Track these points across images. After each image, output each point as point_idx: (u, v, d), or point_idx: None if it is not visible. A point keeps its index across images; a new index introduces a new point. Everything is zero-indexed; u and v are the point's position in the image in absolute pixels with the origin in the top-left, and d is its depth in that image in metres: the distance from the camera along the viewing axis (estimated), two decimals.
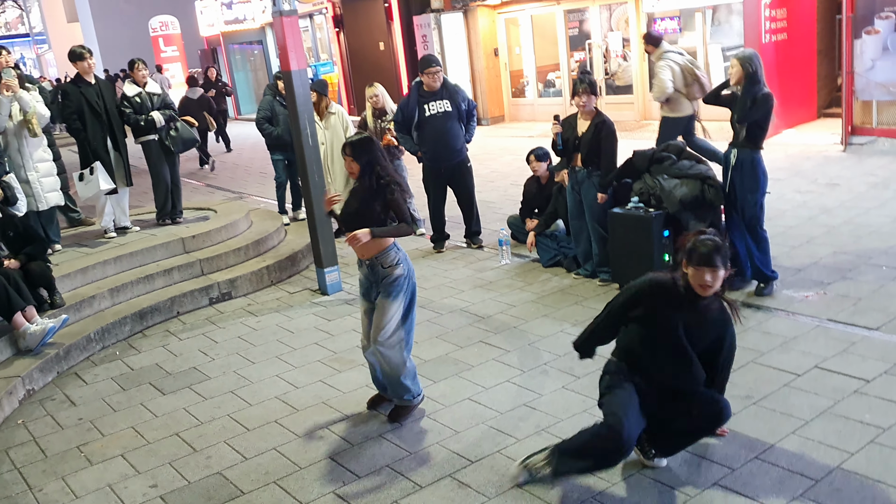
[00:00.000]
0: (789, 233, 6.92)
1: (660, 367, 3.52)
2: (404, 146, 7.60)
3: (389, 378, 4.31)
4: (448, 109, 7.23)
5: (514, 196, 8.73)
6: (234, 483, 3.97)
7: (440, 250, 7.71)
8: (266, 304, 6.70)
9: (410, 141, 7.42)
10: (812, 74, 11.74)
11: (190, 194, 11.05)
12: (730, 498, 3.41)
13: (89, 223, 8.42)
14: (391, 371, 4.27)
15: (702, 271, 3.32)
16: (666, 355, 3.50)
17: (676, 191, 5.76)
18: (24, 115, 6.69)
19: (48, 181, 7.01)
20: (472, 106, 7.43)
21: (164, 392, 5.16)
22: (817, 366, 4.51)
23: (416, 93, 7.29)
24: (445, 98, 7.24)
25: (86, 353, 5.87)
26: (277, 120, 8.66)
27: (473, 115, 7.46)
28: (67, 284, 6.43)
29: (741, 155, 5.48)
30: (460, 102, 7.30)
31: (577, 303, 5.94)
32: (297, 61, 6.34)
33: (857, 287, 5.58)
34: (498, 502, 3.56)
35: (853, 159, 9.33)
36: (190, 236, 7.47)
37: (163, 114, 7.87)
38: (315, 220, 6.66)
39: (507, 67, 16.22)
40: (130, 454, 4.38)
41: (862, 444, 3.70)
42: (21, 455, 4.50)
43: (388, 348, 4.22)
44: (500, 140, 14.10)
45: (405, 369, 4.30)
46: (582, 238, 6.44)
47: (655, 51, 8.53)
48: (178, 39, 23.39)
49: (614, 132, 6.07)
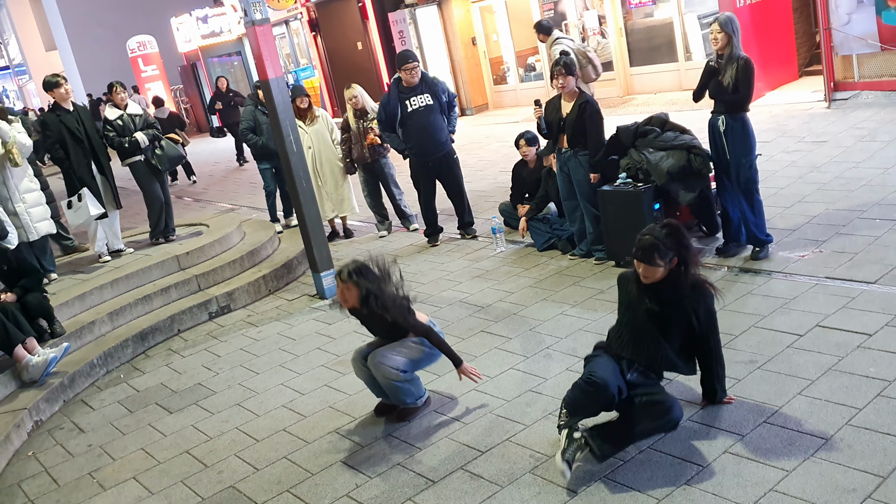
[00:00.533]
0: (781, 193, 6.91)
1: (624, 343, 3.74)
2: (390, 144, 7.59)
3: (387, 387, 4.29)
4: (430, 103, 7.22)
5: (503, 183, 8.73)
6: (248, 495, 3.97)
7: (435, 244, 7.70)
8: (266, 314, 6.69)
9: (397, 139, 7.40)
10: (790, 34, 11.71)
11: (181, 211, 11.03)
12: (742, 464, 3.41)
13: (83, 249, 8.40)
14: (385, 380, 4.24)
15: (637, 265, 3.60)
16: (631, 333, 3.73)
17: (663, 163, 5.76)
18: (4, 146, 6.66)
19: (37, 211, 6.96)
20: (451, 97, 7.43)
21: (171, 411, 5.16)
22: (819, 324, 4.51)
23: (395, 89, 7.27)
24: (426, 92, 7.23)
25: (90, 378, 5.87)
26: (261, 129, 8.63)
27: (454, 106, 7.46)
28: (66, 312, 6.42)
29: (729, 121, 5.46)
30: (440, 94, 7.29)
31: (575, 283, 5.94)
32: (273, 69, 6.31)
33: (852, 242, 5.58)
34: (511, 490, 3.56)
35: (838, 114, 9.32)
36: (184, 253, 7.46)
37: (146, 134, 7.85)
38: (307, 226, 6.65)
39: (487, 55, 16.18)
40: (143, 476, 4.38)
41: (869, 398, 3.70)
42: (34, 487, 4.50)
43: (381, 364, 4.23)
44: (485, 128, 14.08)
45: (400, 375, 4.24)
46: (576, 218, 6.43)
47: (547, 39, 8.54)
48: (157, 58, 23.32)
49: (598, 111, 6.06)
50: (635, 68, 13.60)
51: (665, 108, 11.03)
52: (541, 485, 3.55)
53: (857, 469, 3.22)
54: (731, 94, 5.37)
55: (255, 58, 6.41)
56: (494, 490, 3.59)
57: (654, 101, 12.53)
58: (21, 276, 5.88)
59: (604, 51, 13.92)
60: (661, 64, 13.20)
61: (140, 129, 7.84)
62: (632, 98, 13.42)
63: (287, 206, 9.17)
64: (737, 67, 5.32)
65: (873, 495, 3.05)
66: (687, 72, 12.66)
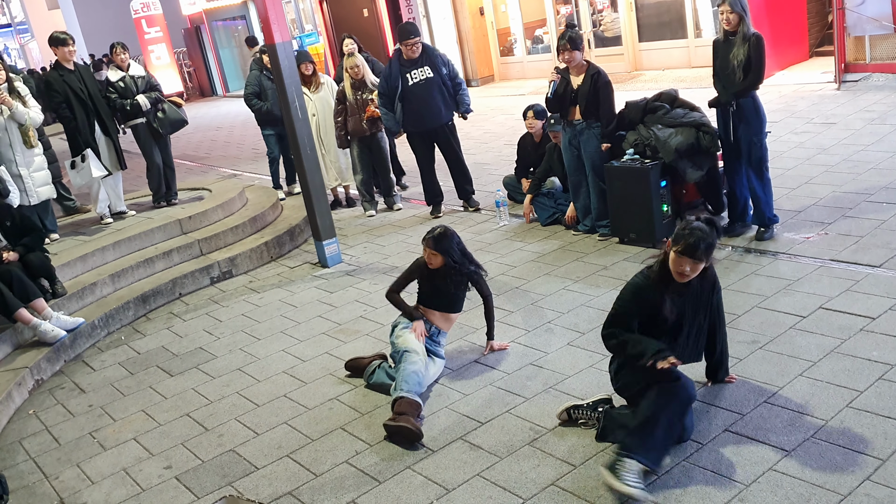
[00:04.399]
0: (788, 174, 6.88)
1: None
2: (386, 123, 7.46)
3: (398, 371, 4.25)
4: (430, 76, 7.14)
5: (508, 156, 8.68)
6: (248, 459, 3.99)
7: (437, 215, 7.67)
8: (267, 280, 6.69)
9: (393, 118, 7.30)
10: (802, 13, 11.59)
11: (184, 175, 10.97)
12: (742, 443, 3.42)
13: (85, 211, 8.37)
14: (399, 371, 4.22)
15: (683, 260, 3.34)
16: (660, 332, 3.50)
17: (672, 140, 5.71)
18: (20, 129, 6.66)
19: (40, 175, 6.90)
20: (454, 72, 7.31)
21: (172, 374, 5.17)
22: (822, 306, 4.51)
23: (396, 62, 7.19)
24: (426, 65, 7.15)
25: (91, 340, 5.88)
26: (266, 95, 8.55)
27: (460, 85, 7.33)
28: (68, 273, 6.41)
29: (740, 100, 5.41)
30: (440, 67, 7.20)
31: (578, 259, 5.92)
32: (280, 33, 6.24)
33: (858, 225, 5.56)
34: (510, 462, 3.58)
35: (848, 96, 9.25)
36: (186, 217, 7.44)
37: (148, 97, 7.78)
38: (311, 194, 6.61)
39: (494, 26, 16.02)
40: (143, 437, 4.40)
41: (871, 381, 3.70)
42: (35, 444, 4.53)
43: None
44: (490, 100, 13.97)
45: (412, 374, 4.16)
46: (581, 193, 6.40)
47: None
48: (161, 20, 23.08)
49: (609, 82, 6.02)
50: (644, 44, 13.47)
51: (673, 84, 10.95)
52: (540, 457, 3.56)
53: (857, 451, 3.23)
54: (742, 79, 5.31)
55: (262, 21, 6.34)
56: (493, 461, 3.61)
57: (663, 78, 12.44)
58: (23, 234, 5.86)
59: (613, 24, 13.79)
60: (670, 40, 13.09)
61: (142, 92, 7.78)
62: (640, 74, 13.31)
63: (290, 173, 9.12)
64: (749, 45, 5.26)
65: (872, 477, 3.06)
66: (696, 49, 12.56)
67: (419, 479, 3.58)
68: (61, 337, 5.50)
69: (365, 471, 3.71)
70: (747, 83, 5.33)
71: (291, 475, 3.78)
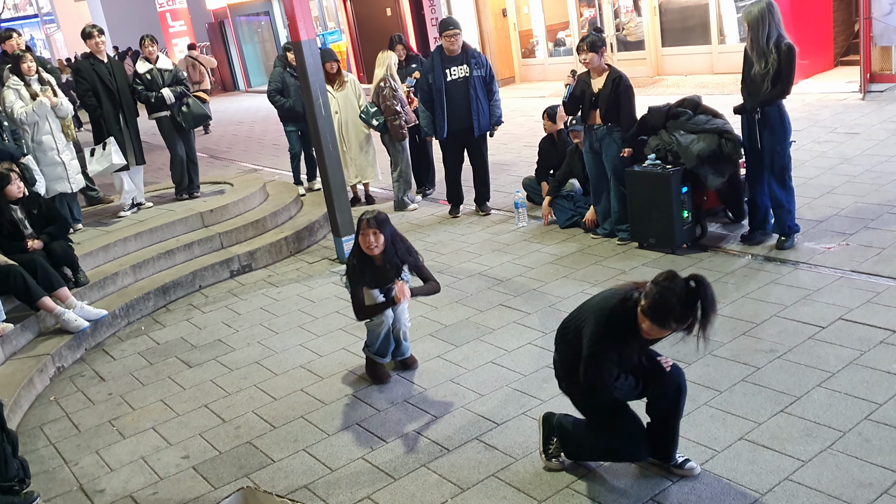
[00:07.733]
0: (809, 184, 6.84)
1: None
2: (421, 121, 7.48)
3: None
4: (467, 75, 7.14)
5: (528, 158, 8.68)
6: (265, 451, 4.03)
7: (456, 215, 7.69)
8: (286, 275, 6.73)
9: (428, 118, 7.29)
10: (828, 21, 11.50)
11: (206, 168, 11.05)
12: (757, 451, 3.42)
13: (108, 201, 8.47)
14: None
15: (655, 330, 2.97)
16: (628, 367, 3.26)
17: (694, 146, 5.70)
18: (63, 121, 6.93)
19: (74, 164, 7.14)
20: (491, 77, 7.26)
21: (191, 365, 5.22)
22: (842, 317, 4.49)
23: (438, 57, 7.19)
24: (465, 63, 7.15)
25: (112, 329, 5.94)
26: (289, 91, 8.60)
27: (495, 94, 7.29)
28: (90, 262, 6.49)
29: (767, 108, 5.39)
30: (476, 68, 7.13)
31: (597, 262, 5.92)
32: (306, 31, 6.28)
33: (880, 236, 5.52)
34: (525, 463, 3.59)
35: (872, 107, 9.17)
36: (208, 210, 7.50)
37: (173, 91, 7.86)
38: (331, 190, 6.66)
39: (516, 28, 16.02)
40: (161, 427, 4.45)
41: (890, 394, 3.68)
42: (55, 430, 4.59)
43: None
44: (511, 101, 13.94)
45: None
46: (601, 197, 6.40)
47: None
48: (185, 14, 23.28)
49: (631, 86, 6.02)
50: (667, 48, 13.43)
51: (696, 90, 10.92)
52: None
53: (874, 464, 3.22)
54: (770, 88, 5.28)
55: (289, 18, 6.38)
56: (509, 462, 3.63)
57: (685, 83, 12.39)
58: (49, 223, 5.94)
59: (636, 29, 13.75)
60: (693, 45, 13.03)
61: (168, 85, 7.85)
62: (662, 79, 13.27)
63: (311, 169, 9.17)
64: (779, 53, 5.23)
65: (890, 491, 3.05)
66: (720, 55, 12.49)
67: (434, 477, 3.60)
68: (84, 327, 5.57)
69: (380, 467, 3.74)
70: (774, 93, 5.30)
71: (307, 469, 3.82)
